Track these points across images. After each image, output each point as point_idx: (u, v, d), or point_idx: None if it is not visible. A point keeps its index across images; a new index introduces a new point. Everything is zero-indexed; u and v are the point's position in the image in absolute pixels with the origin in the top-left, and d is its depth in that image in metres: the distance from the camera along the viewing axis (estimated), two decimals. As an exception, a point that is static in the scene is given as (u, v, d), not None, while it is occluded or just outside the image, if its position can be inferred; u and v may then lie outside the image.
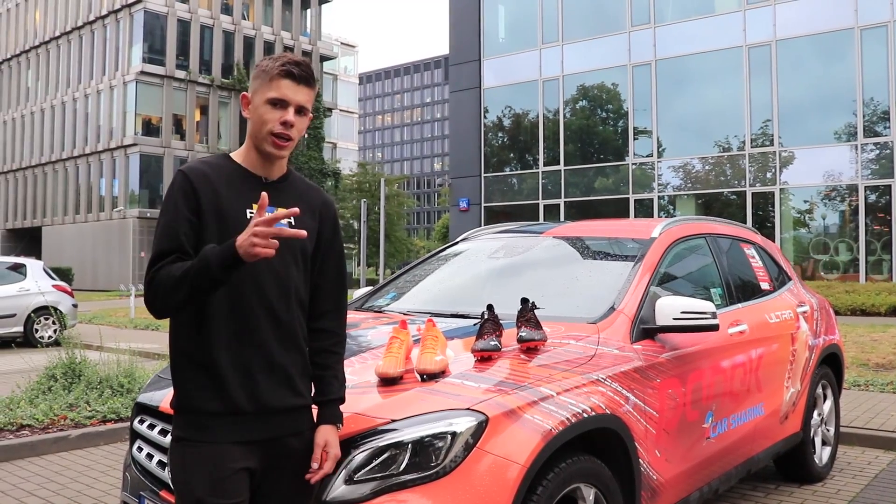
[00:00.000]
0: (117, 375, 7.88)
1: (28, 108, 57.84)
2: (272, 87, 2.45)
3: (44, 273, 16.01)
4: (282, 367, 2.47)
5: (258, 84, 2.49)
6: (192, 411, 2.39)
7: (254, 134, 2.50)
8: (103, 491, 5.58)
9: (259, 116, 2.46)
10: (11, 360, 11.55)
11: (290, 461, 2.49)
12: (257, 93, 2.48)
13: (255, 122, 2.48)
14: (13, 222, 59.64)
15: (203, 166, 2.46)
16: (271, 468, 2.46)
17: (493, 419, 2.85)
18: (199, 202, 2.37)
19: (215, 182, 2.42)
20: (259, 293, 2.41)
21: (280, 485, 2.49)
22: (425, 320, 3.48)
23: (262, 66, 2.50)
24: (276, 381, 2.45)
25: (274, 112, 2.45)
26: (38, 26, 57.35)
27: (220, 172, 2.46)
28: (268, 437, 2.43)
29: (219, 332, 2.38)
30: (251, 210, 2.42)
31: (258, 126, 2.47)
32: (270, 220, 2.16)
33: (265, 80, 2.47)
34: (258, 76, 2.50)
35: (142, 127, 49.52)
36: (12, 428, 6.74)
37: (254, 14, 54.63)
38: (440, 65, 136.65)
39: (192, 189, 2.38)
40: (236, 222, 2.37)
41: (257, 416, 2.40)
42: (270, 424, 2.43)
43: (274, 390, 2.44)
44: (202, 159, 2.52)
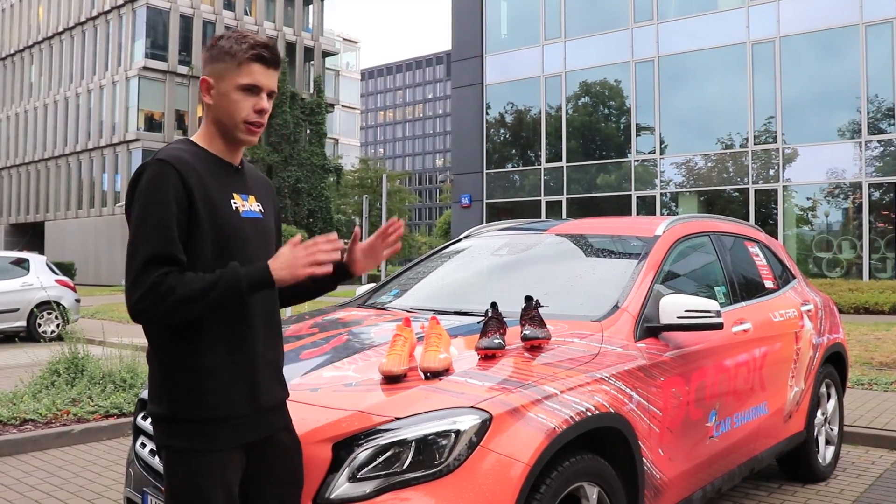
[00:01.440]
0: (120, 370, 7.88)
1: (31, 104, 57.81)
2: (243, 73, 2.34)
3: (46, 268, 16.00)
4: (273, 363, 2.48)
5: (223, 68, 2.35)
6: (196, 420, 2.29)
7: (222, 121, 2.38)
8: (106, 486, 5.58)
9: (231, 103, 2.35)
10: (14, 355, 11.55)
11: (278, 457, 2.49)
12: (224, 78, 2.35)
13: (224, 108, 2.36)
14: (16, 217, 59.64)
15: (183, 154, 2.32)
16: (260, 467, 2.45)
17: (496, 417, 2.84)
18: (190, 194, 2.25)
19: (200, 171, 2.30)
20: (257, 297, 2.37)
21: (270, 482, 2.48)
22: (429, 318, 3.47)
23: (224, 47, 2.36)
24: (269, 378, 2.44)
25: (247, 99, 2.36)
26: (41, 22, 57.30)
27: (199, 160, 2.34)
28: (263, 436, 2.42)
29: (214, 336, 2.30)
30: (234, 200, 2.37)
31: (229, 113, 2.36)
32: (334, 243, 2.29)
33: (232, 65, 2.34)
34: (220, 58, 2.36)
35: (144, 122, 49.49)
36: (15, 422, 6.75)
37: (256, 10, 54.58)
38: (442, 61, 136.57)
39: (181, 181, 2.24)
40: (225, 213, 2.32)
41: (255, 416, 2.38)
42: (265, 423, 2.43)
43: (269, 388, 2.43)
44: (175, 146, 2.37)
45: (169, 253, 2.19)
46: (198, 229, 2.26)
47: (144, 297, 2.15)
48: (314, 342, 3.68)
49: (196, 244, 2.26)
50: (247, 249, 2.34)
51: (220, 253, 2.29)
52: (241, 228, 2.35)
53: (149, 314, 2.19)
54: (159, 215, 2.20)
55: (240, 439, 2.35)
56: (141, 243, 2.19)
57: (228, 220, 2.30)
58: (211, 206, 2.28)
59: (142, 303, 2.16)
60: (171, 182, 2.22)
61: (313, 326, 4.04)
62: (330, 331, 3.96)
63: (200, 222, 2.26)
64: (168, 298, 2.15)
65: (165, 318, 2.20)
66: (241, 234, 2.34)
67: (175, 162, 2.25)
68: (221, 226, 2.29)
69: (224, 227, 2.29)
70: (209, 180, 2.31)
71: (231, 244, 2.31)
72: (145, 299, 2.16)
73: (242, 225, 2.35)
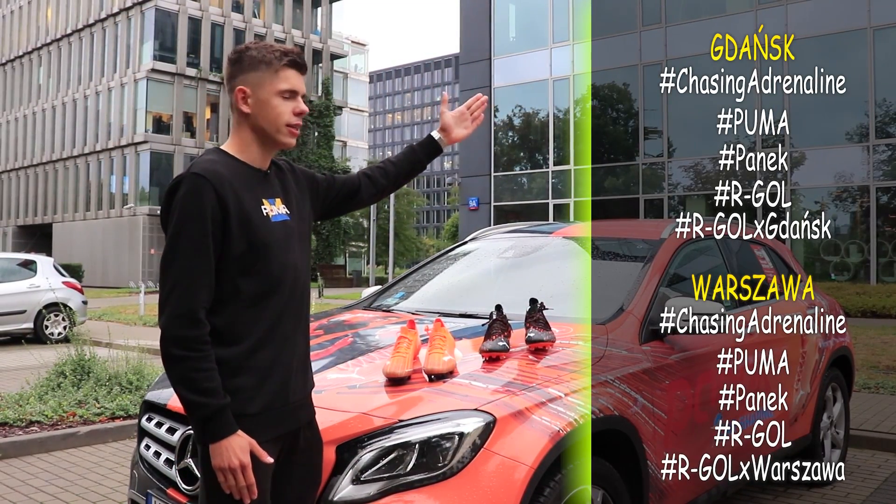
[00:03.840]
0: (126, 372, 7.89)
1: (39, 106, 57.99)
2: (280, 79, 2.44)
3: (54, 270, 16.02)
4: (303, 359, 2.54)
5: (259, 76, 2.44)
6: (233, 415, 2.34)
7: (262, 127, 2.46)
8: (111, 488, 5.59)
9: (272, 109, 2.44)
10: (21, 357, 11.58)
11: (301, 454, 2.52)
12: (262, 86, 2.44)
13: (264, 115, 2.45)
14: (24, 219, 59.82)
15: (217, 167, 2.38)
16: (286, 463, 2.48)
17: (500, 420, 2.84)
18: (225, 207, 2.32)
19: (233, 183, 2.37)
20: (289, 293, 2.45)
21: (292, 478, 2.51)
22: (433, 320, 3.48)
23: (256, 56, 2.45)
24: (299, 372, 2.50)
25: (287, 103, 2.46)
26: (49, 24, 57.49)
27: (232, 171, 2.41)
28: (291, 430, 2.46)
29: (252, 337, 2.37)
30: (264, 206, 2.43)
31: (271, 119, 2.45)
32: None
33: (269, 72, 2.44)
34: (254, 67, 2.44)
35: (152, 124, 49.59)
36: (21, 424, 6.76)
37: (264, 12, 54.67)
38: (450, 64, 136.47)
39: (216, 195, 2.31)
40: (257, 222, 2.38)
41: (286, 410, 2.43)
42: (294, 417, 2.47)
43: (300, 383, 2.50)
44: (208, 158, 2.44)
45: (203, 301, 2.28)
46: (231, 240, 2.33)
47: (177, 342, 2.26)
48: (319, 344, 3.68)
49: (229, 251, 2.33)
50: (276, 252, 2.41)
51: (251, 258, 2.36)
52: (272, 233, 2.41)
53: (167, 342, 2.28)
54: (195, 230, 2.28)
55: (272, 432, 2.39)
56: (175, 258, 2.29)
57: (260, 227, 2.38)
58: (244, 217, 2.35)
59: (170, 331, 2.27)
60: (207, 197, 2.30)
61: (318, 328, 4.04)
62: (335, 333, 3.96)
63: (233, 233, 2.33)
64: (184, 360, 2.25)
65: (166, 352, 2.28)
66: (271, 238, 2.41)
67: (210, 176, 2.32)
68: (254, 234, 2.36)
69: (256, 235, 2.36)
70: (242, 191, 2.38)
71: (261, 250, 2.38)
72: (174, 342, 2.26)
73: (273, 229, 2.42)
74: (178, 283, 2.27)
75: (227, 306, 2.33)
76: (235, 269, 2.34)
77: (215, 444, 2.25)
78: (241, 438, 2.27)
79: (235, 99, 2.46)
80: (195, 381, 2.24)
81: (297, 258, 2.48)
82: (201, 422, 2.26)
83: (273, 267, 2.39)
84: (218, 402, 2.24)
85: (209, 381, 2.24)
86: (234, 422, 2.27)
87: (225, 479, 2.26)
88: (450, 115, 2.97)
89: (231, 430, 2.26)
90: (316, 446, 2.58)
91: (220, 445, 2.25)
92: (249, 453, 2.27)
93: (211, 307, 2.31)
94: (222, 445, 2.25)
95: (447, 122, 2.96)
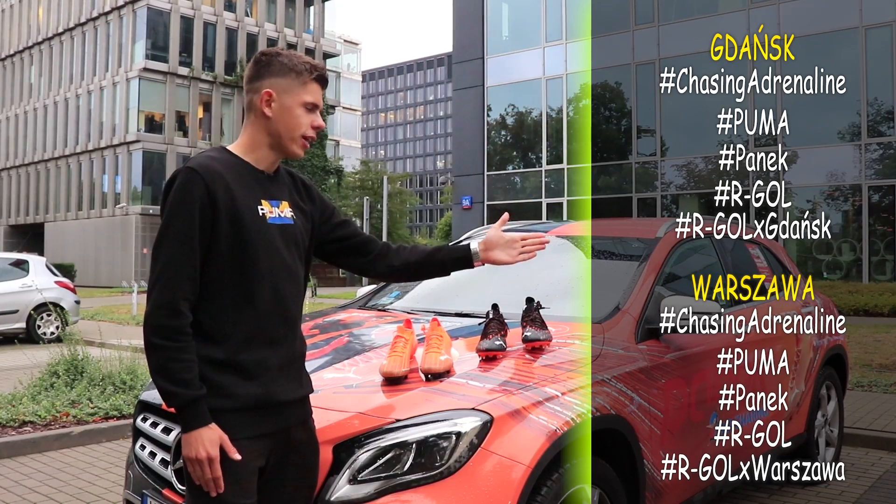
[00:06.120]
0: (119, 372, 7.87)
1: (31, 105, 57.80)
2: (307, 91, 2.47)
3: (46, 269, 15.98)
4: (294, 360, 2.52)
5: (287, 83, 2.45)
6: (214, 409, 2.33)
7: (279, 132, 2.47)
8: (105, 488, 5.57)
9: (293, 118, 2.46)
10: (14, 357, 11.53)
11: (295, 454, 2.51)
12: (288, 93, 2.45)
13: (284, 122, 2.46)
14: (16, 218, 59.62)
15: (212, 162, 2.39)
16: (278, 463, 2.47)
17: (497, 419, 2.84)
18: (214, 201, 2.33)
19: (227, 179, 2.38)
20: (277, 295, 2.43)
21: (285, 479, 2.50)
22: (430, 319, 3.47)
23: (286, 63, 2.47)
24: (290, 376, 2.48)
25: (308, 116, 2.49)
26: (41, 22, 57.29)
27: (229, 168, 2.41)
28: (278, 430, 2.45)
29: (238, 335, 2.37)
30: (262, 206, 2.43)
31: (290, 127, 2.46)
32: None
33: (297, 82, 2.46)
34: (283, 73, 2.46)
35: (145, 124, 49.47)
36: (14, 424, 6.73)
37: (257, 11, 54.57)
38: (443, 63, 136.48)
39: (205, 188, 2.32)
40: (249, 219, 2.38)
41: (270, 410, 2.42)
42: (281, 416, 2.46)
43: (291, 384, 2.48)
44: (207, 154, 2.45)
45: (189, 292, 2.31)
46: (219, 233, 2.34)
47: (156, 332, 2.28)
48: (315, 344, 3.67)
49: (217, 245, 2.34)
50: (266, 252, 2.41)
51: (242, 255, 2.37)
52: (264, 233, 2.41)
53: (148, 331, 2.30)
54: (182, 222, 2.31)
55: (251, 431, 2.38)
56: (162, 249, 2.33)
57: (252, 225, 2.38)
58: (235, 213, 2.36)
59: (151, 321, 2.30)
60: (197, 191, 2.31)
61: (314, 328, 4.04)
62: (330, 332, 3.96)
63: (222, 227, 2.34)
64: (165, 348, 2.27)
65: (147, 341, 2.30)
66: (264, 238, 2.41)
67: (202, 170, 2.34)
68: (244, 231, 2.36)
69: (247, 232, 2.37)
70: (236, 187, 2.39)
71: (251, 248, 2.37)
72: (156, 332, 2.28)
73: (267, 229, 2.42)
74: (163, 273, 2.30)
75: (214, 301, 2.35)
76: (223, 264, 2.35)
77: (187, 435, 2.29)
78: (212, 431, 2.28)
79: (259, 100, 2.46)
80: (171, 370, 2.26)
81: (291, 262, 2.48)
82: (177, 411, 2.30)
83: (261, 266, 2.38)
84: (192, 393, 2.26)
85: (186, 371, 2.26)
86: (208, 414, 2.29)
87: (192, 469, 2.29)
88: (499, 235, 2.91)
89: (203, 422, 2.28)
90: (311, 447, 2.57)
91: (190, 436, 2.28)
92: (219, 447, 2.28)
93: (199, 302, 2.33)
94: (192, 436, 2.28)
95: (493, 239, 2.90)
